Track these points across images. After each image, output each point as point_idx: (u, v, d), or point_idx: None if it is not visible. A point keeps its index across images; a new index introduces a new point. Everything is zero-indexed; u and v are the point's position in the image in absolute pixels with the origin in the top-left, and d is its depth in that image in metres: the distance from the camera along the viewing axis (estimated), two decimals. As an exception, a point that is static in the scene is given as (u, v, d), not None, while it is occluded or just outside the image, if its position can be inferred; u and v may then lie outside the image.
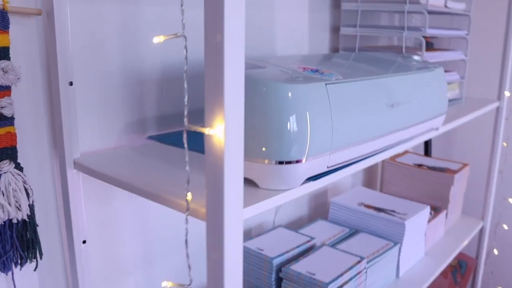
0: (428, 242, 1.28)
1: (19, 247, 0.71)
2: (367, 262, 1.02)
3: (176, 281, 0.99)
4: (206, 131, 0.50)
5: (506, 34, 1.34)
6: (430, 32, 1.11)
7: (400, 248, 1.13)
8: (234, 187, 0.52)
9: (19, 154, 0.70)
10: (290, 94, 0.60)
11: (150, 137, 0.86)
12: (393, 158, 1.47)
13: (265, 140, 0.60)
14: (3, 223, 0.68)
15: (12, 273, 0.73)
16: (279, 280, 0.97)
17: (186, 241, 0.53)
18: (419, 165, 1.41)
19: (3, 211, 0.67)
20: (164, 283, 0.53)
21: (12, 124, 0.68)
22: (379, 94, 0.73)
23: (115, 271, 0.86)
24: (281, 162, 0.61)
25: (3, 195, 0.67)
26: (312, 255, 1.01)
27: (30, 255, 0.72)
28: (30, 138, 0.73)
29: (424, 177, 1.37)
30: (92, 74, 0.76)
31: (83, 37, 0.74)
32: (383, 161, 1.48)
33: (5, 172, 0.67)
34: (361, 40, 1.22)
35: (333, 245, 1.09)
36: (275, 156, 0.61)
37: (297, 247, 1.02)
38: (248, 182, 0.64)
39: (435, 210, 1.33)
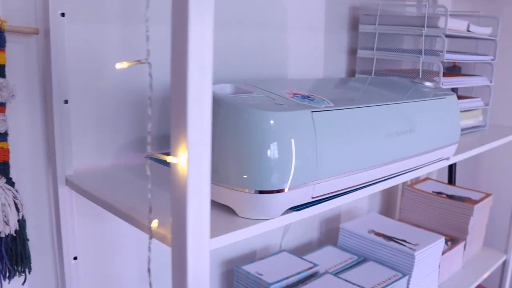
0: (443, 274, 1.22)
1: (7, 261, 0.72)
2: (371, 294, 0.98)
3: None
4: (169, 159, 0.49)
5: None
6: (448, 57, 1.07)
7: (409, 280, 1.08)
8: (199, 215, 0.51)
9: (15, 169, 0.72)
10: (271, 122, 0.58)
11: (152, 159, 0.86)
12: (412, 184, 1.41)
13: (246, 168, 0.59)
14: (-9, 237, 0.69)
15: (1, 286, 0.74)
16: (276, 307, 0.95)
17: (148, 269, 0.52)
18: (439, 193, 1.36)
19: (-9, 225, 0.68)
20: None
21: (5, 140, 0.70)
22: (374, 122, 0.70)
23: (108, 288, 0.86)
24: (261, 191, 0.60)
25: (-7, 209, 0.69)
26: (313, 283, 0.98)
27: (19, 269, 0.73)
28: (25, 154, 0.74)
29: (443, 206, 1.32)
30: (89, 93, 0.77)
31: (80, 56, 0.75)
32: (402, 187, 1.43)
33: (-5, 187, 0.69)
34: (379, 63, 1.19)
35: (337, 273, 1.05)
36: (255, 185, 0.59)
37: (298, 273, 1.00)
38: (228, 210, 0.63)
39: (453, 241, 1.27)
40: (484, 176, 1.64)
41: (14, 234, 0.71)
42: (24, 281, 0.75)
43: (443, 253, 1.20)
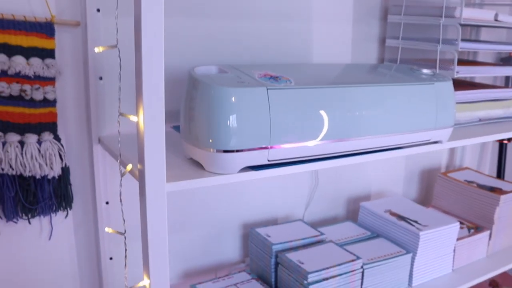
0: (461, 259, 1.25)
1: (54, 197, 0.95)
2: (366, 264, 1.07)
3: (187, 257, 1.16)
4: (131, 118, 0.67)
5: None
6: (463, 46, 1.11)
7: (413, 258, 1.14)
8: (155, 162, 0.67)
9: (62, 129, 0.94)
10: (229, 96, 0.73)
11: (173, 127, 1.05)
12: (446, 172, 1.44)
13: (211, 133, 0.74)
14: (41, 177, 0.92)
15: (50, 217, 0.97)
16: (277, 265, 1.08)
17: (120, 200, 0.70)
18: (470, 182, 1.37)
19: (41, 168, 0.91)
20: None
21: (54, 106, 0.92)
22: (335, 100, 0.80)
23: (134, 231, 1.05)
24: (223, 151, 0.75)
25: (43, 157, 0.92)
26: (313, 248, 1.09)
27: (63, 205, 0.96)
28: (70, 117, 0.96)
29: (471, 195, 1.34)
30: (119, 71, 0.97)
31: (112, 42, 0.95)
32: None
33: (45, 141, 0.92)
34: (405, 52, 1.25)
35: (344, 244, 1.15)
36: (217, 146, 0.74)
37: (303, 239, 1.12)
38: (200, 165, 0.78)
39: (476, 229, 1.29)
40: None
41: (58, 178, 0.94)
42: (66, 215, 0.98)
43: (462, 238, 1.23)
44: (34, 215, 0.94)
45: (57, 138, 0.93)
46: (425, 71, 1.01)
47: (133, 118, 0.67)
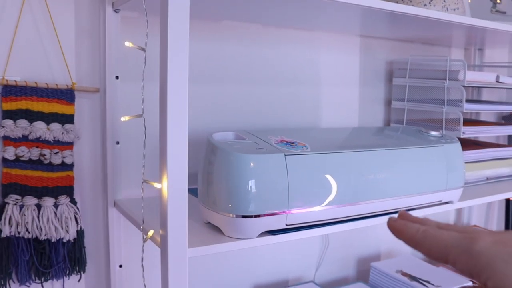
0: (476, 321, 1.23)
1: (68, 261, 0.94)
2: (381, 327, 1.05)
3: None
4: (155, 185, 0.68)
5: None
6: (467, 107, 1.14)
7: (428, 320, 1.13)
8: (177, 228, 0.68)
9: (78, 192, 0.95)
10: (248, 162, 0.75)
11: (189, 189, 1.06)
12: (455, 230, 1.44)
13: (231, 198, 0.75)
14: (56, 241, 0.92)
15: (63, 280, 0.97)
16: (291, 329, 1.07)
17: (142, 265, 0.70)
18: (480, 241, 1.37)
19: (56, 232, 0.92)
20: None
21: (71, 169, 0.94)
22: (349, 166, 0.82)
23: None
24: (242, 216, 0.75)
25: (59, 220, 0.92)
26: (327, 311, 1.08)
27: (76, 269, 0.96)
28: (87, 181, 0.98)
29: (482, 253, 1.33)
30: (136, 136, 0.99)
31: (129, 108, 0.98)
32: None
33: (61, 204, 0.92)
34: (411, 113, 1.28)
35: (357, 306, 1.14)
36: (237, 211, 0.75)
37: (316, 301, 1.11)
38: (218, 230, 0.79)
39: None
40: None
41: (73, 241, 0.94)
42: (80, 279, 0.97)
43: (475, 299, 1.22)
44: (47, 278, 0.94)
45: (73, 201, 0.94)
46: (433, 133, 1.04)
47: (157, 185, 0.68)
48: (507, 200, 1.59)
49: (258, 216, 0.76)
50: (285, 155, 0.77)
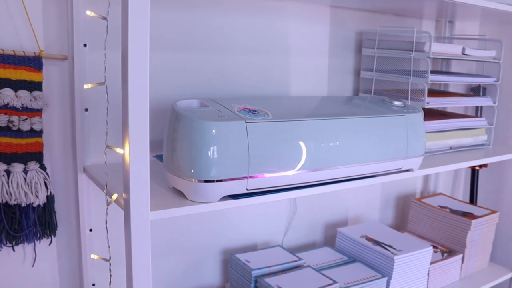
0: (435, 283, 1.29)
1: (38, 225, 0.97)
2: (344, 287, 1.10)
3: (169, 283, 1.18)
4: (118, 150, 0.70)
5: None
6: (432, 78, 1.17)
7: (388, 281, 1.18)
8: (140, 192, 0.70)
9: (47, 158, 0.97)
10: (210, 129, 0.77)
11: (155, 156, 1.08)
12: (420, 198, 1.50)
13: (193, 163, 0.78)
14: (26, 205, 0.94)
15: (34, 244, 0.99)
16: (257, 290, 1.12)
17: (106, 228, 0.72)
18: (443, 208, 1.43)
19: (26, 197, 0.94)
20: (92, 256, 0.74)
21: (40, 136, 0.95)
22: (310, 132, 0.85)
23: (116, 258, 1.08)
24: (204, 181, 0.78)
25: (28, 186, 0.94)
26: (292, 273, 1.13)
27: (47, 233, 0.98)
28: (56, 147, 0.99)
29: (444, 220, 1.39)
30: (104, 103, 1.00)
31: (97, 75, 0.99)
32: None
33: (31, 170, 0.94)
34: (378, 83, 1.31)
35: (321, 269, 1.19)
36: (199, 176, 0.78)
37: (281, 264, 1.15)
38: (182, 194, 0.82)
39: (449, 253, 1.34)
40: (507, 195, 1.66)
41: (43, 206, 0.97)
42: (50, 243, 1.00)
43: (435, 262, 1.28)
44: (18, 242, 0.96)
45: (42, 167, 0.96)
46: (396, 102, 1.07)
47: (119, 150, 0.70)
48: (473, 169, 1.64)
49: (220, 181, 0.79)
50: (246, 122, 0.80)
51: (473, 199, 1.64)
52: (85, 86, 0.73)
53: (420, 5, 1.22)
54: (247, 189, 0.82)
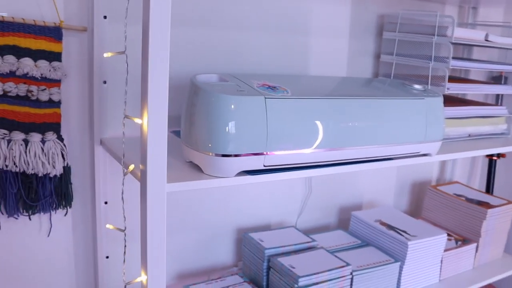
0: (448, 270, 1.28)
1: (54, 195, 0.98)
2: (356, 270, 1.10)
3: (183, 259, 1.19)
4: (136, 120, 0.70)
5: None
6: (454, 64, 1.15)
7: (401, 266, 1.18)
8: (157, 163, 0.70)
9: (65, 129, 0.98)
10: (229, 103, 0.76)
11: (173, 131, 1.08)
12: (436, 185, 1.48)
13: (210, 137, 0.78)
14: (43, 175, 0.95)
15: (50, 214, 1.00)
16: (269, 269, 1.11)
17: (122, 198, 0.73)
18: (459, 196, 1.41)
19: (43, 167, 0.94)
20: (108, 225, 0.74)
21: (58, 107, 0.95)
22: (329, 111, 0.84)
23: (130, 232, 1.08)
24: (221, 155, 0.78)
25: (46, 156, 0.95)
26: (305, 254, 1.13)
27: (63, 203, 0.99)
28: (74, 118, 1.00)
29: (460, 208, 1.37)
30: (123, 76, 1.01)
31: (117, 48, 0.98)
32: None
33: (48, 140, 0.95)
34: (399, 67, 1.29)
35: (335, 251, 1.19)
36: (216, 150, 0.78)
37: (295, 245, 1.15)
38: (199, 168, 0.82)
39: (464, 242, 1.33)
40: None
41: (60, 177, 0.97)
42: (66, 213, 1.01)
43: (449, 250, 1.27)
44: (34, 212, 0.97)
45: (60, 138, 0.97)
46: (416, 86, 1.05)
47: (137, 120, 0.70)
48: (490, 159, 1.62)
49: (237, 155, 0.78)
50: (265, 98, 0.79)
51: (489, 189, 1.62)
52: (105, 55, 0.73)
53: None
54: (264, 165, 0.81)
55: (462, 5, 1.53)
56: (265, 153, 0.80)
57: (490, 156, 1.62)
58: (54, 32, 0.93)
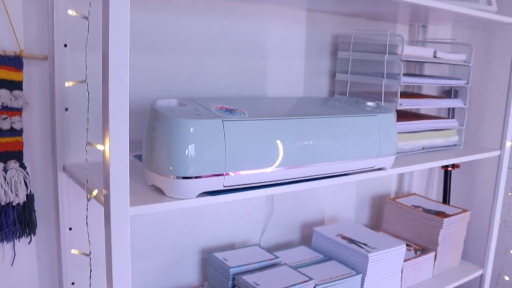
0: (409, 280, 1.33)
1: (18, 224, 0.98)
2: (319, 284, 1.13)
3: (148, 282, 1.20)
4: (98, 147, 0.72)
5: (508, 85, 1.37)
6: (405, 80, 1.22)
7: (363, 278, 1.21)
8: (119, 187, 0.72)
9: (27, 157, 0.98)
10: (188, 127, 0.79)
11: (135, 156, 1.10)
12: (395, 198, 1.54)
13: (171, 160, 0.80)
14: (6, 204, 0.95)
15: (14, 243, 1.00)
16: (234, 287, 1.13)
17: (86, 223, 0.74)
18: (416, 207, 1.47)
19: (6, 195, 0.94)
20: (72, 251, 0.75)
21: (20, 135, 0.96)
22: (285, 131, 0.88)
23: (95, 257, 1.09)
24: (180, 177, 0.80)
25: (8, 184, 0.95)
26: (269, 271, 1.15)
27: (27, 232, 0.99)
28: (36, 146, 1.00)
29: (418, 219, 1.43)
30: (84, 103, 1.02)
31: (77, 75, 1.00)
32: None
33: (11, 168, 0.95)
34: (354, 85, 1.35)
35: (298, 267, 1.22)
36: (177, 173, 0.80)
37: (258, 262, 1.18)
38: (161, 192, 0.84)
39: (422, 251, 1.38)
40: (478, 196, 1.72)
41: (23, 205, 0.97)
42: (30, 241, 1.01)
43: (409, 260, 1.32)
44: (-3, 240, 0.97)
45: (22, 166, 0.97)
46: (369, 103, 1.10)
47: (99, 147, 0.72)
48: (445, 170, 1.69)
49: (197, 177, 0.81)
50: (222, 120, 0.82)
51: (446, 199, 1.69)
52: (66, 84, 0.75)
53: (394, 9, 1.27)
54: (224, 186, 0.84)
55: (413, 23, 1.61)
56: (224, 173, 0.82)
57: (445, 167, 1.70)
58: (15, 61, 0.94)
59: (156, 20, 1.09)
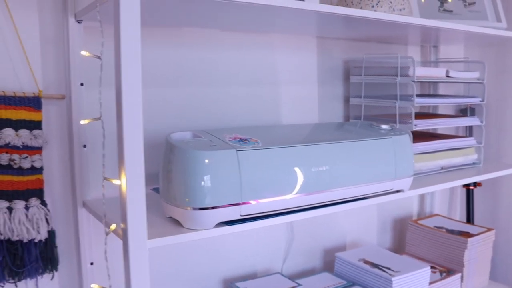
0: (436, 303, 1.30)
1: (40, 260, 0.99)
2: (343, 311, 1.12)
3: (178, 308, 1.19)
4: (114, 181, 0.73)
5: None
6: (418, 101, 1.21)
7: (388, 303, 1.19)
8: (137, 221, 0.73)
9: (48, 194, 1.00)
10: (203, 159, 0.80)
11: (153, 189, 1.11)
12: (417, 220, 1.52)
13: (187, 192, 0.81)
14: (28, 241, 0.97)
15: (37, 280, 1.01)
16: (258, 317, 1.13)
17: (105, 258, 0.75)
18: (439, 228, 1.45)
19: (28, 233, 0.96)
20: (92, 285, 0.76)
21: (41, 173, 0.98)
22: (299, 158, 0.89)
23: (120, 291, 1.09)
24: (196, 208, 0.81)
25: (30, 222, 0.97)
26: (292, 299, 1.14)
27: (49, 268, 1.01)
28: (56, 183, 1.02)
29: (441, 240, 1.41)
30: (102, 139, 1.04)
31: (94, 112, 1.03)
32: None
33: (32, 206, 0.97)
34: (368, 109, 1.35)
35: (321, 293, 1.20)
36: (193, 204, 0.81)
37: (281, 291, 1.17)
38: (179, 223, 0.85)
39: (448, 273, 1.35)
40: (502, 213, 1.68)
41: (45, 241, 0.99)
42: (52, 277, 1.02)
43: (435, 282, 1.29)
44: (20, 278, 0.98)
45: (43, 203, 0.99)
46: (384, 126, 1.10)
47: (116, 182, 0.73)
48: (467, 189, 1.67)
49: (214, 208, 0.81)
50: (236, 150, 0.83)
51: (469, 219, 1.66)
52: (82, 122, 0.77)
53: (404, 32, 1.28)
54: (241, 215, 0.84)
55: (424, 44, 1.61)
56: (241, 203, 0.83)
57: (467, 186, 1.67)
58: (34, 102, 0.97)
59: (167, 54, 1.12)
